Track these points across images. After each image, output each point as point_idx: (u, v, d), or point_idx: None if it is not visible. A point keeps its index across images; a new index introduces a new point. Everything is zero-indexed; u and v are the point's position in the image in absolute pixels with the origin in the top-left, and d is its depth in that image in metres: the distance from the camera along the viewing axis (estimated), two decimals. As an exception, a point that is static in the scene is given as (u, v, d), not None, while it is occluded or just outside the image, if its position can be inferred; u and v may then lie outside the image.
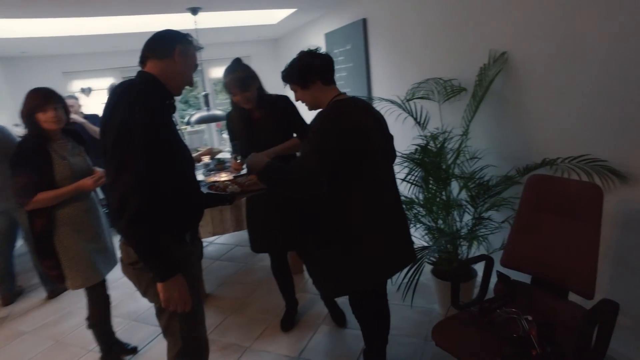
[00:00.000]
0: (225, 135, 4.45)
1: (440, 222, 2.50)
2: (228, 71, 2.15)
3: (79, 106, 4.11)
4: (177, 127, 1.46)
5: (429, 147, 2.39)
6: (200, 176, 3.73)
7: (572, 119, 2.04)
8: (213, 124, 6.88)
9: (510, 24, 2.29)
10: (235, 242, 4.24)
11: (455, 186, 2.48)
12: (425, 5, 2.94)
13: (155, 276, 1.30)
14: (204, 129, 6.86)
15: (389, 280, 1.85)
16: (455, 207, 2.48)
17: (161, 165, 1.27)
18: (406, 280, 1.97)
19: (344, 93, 1.74)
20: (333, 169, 1.55)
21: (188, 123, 3.85)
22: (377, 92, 3.77)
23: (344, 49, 4.19)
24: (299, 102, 1.79)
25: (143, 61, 1.40)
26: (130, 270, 1.41)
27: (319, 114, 1.65)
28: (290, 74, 1.72)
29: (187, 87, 1.49)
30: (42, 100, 1.97)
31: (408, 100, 2.60)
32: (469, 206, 2.43)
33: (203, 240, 2.53)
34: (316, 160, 1.52)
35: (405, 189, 2.53)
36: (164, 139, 1.29)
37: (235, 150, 2.27)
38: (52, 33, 3.91)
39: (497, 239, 2.40)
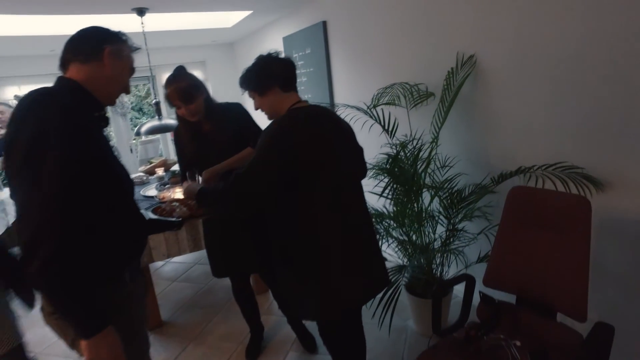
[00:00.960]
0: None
1: (412, 235, 2.36)
2: (169, 81, 1.90)
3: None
4: (110, 143, 1.22)
5: (399, 156, 2.25)
6: (152, 191, 3.43)
7: (544, 124, 1.97)
8: (168, 133, 6.53)
9: (477, 26, 2.20)
10: (193, 260, 3.94)
11: (427, 196, 2.35)
12: (388, 7, 2.83)
13: (78, 332, 1.04)
14: (158, 138, 6.48)
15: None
16: (428, 218, 2.35)
17: (86, 191, 1.03)
18: (377, 300, 1.81)
19: (305, 100, 1.56)
20: (285, 184, 1.39)
21: (138, 134, 3.52)
22: (339, 98, 3.63)
23: (303, 53, 4.02)
24: (258, 110, 1.60)
25: (64, 65, 1.16)
26: (53, 321, 1.14)
27: (271, 123, 1.47)
28: (247, 80, 1.56)
29: (123, 94, 1.27)
30: None
31: (374, 107, 2.45)
32: (441, 217, 2.31)
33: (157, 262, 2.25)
34: (258, 177, 1.38)
35: (373, 201, 2.38)
36: (88, 158, 1.04)
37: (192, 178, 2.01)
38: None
39: (472, 251, 2.30)
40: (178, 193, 3.01)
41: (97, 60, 1.15)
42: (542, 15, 1.87)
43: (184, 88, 1.86)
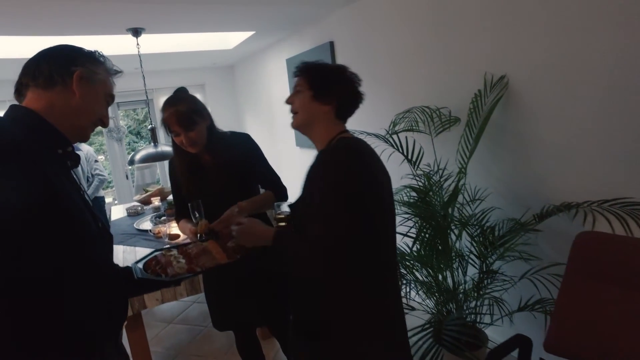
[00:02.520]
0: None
1: (439, 276, 2.08)
2: (168, 104, 1.62)
3: None
4: (79, 188, 0.96)
5: (424, 189, 1.99)
6: (147, 224, 3.16)
7: (589, 151, 1.72)
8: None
9: (507, 44, 1.98)
10: (192, 298, 3.62)
11: (455, 232, 2.09)
12: (400, 26, 2.62)
13: None
14: (155, 163, 6.22)
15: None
16: (457, 257, 2.08)
17: (43, 253, 0.79)
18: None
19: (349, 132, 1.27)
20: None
21: (132, 162, 3.27)
22: (348, 123, 3.39)
23: (309, 75, 3.81)
24: (291, 108, 1.26)
25: (19, 91, 0.93)
26: None
27: (330, 159, 1.14)
28: (316, 72, 1.23)
29: (99, 126, 1.02)
30: None
31: (393, 134, 2.21)
32: (472, 257, 2.04)
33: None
34: (348, 220, 1.05)
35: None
36: (43, 211, 0.79)
37: (196, 210, 1.65)
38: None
39: (512, 297, 2.02)
40: (174, 228, 2.74)
41: (63, 85, 0.92)
42: (581, 30, 1.66)
43: (184, 112, 1.59)
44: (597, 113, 1.67)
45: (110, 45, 3.55)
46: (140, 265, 1.31)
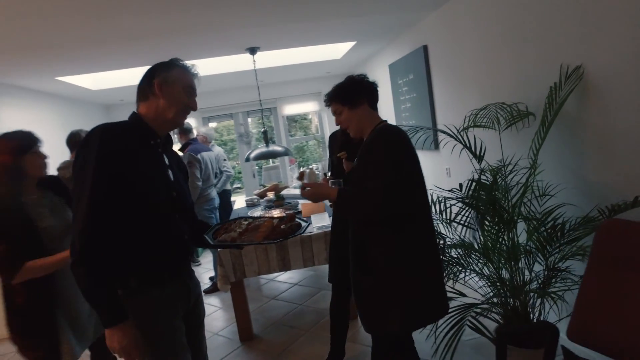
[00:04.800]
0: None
1: (502, 271, 2.08)
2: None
3: None
4: (165, 167, 1.36)
5: (482, 180, 2.03)
6: (258, 212, 3.71)
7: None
8: (287, 161, 7.01)
9: (584, 32, 1.90)
10: (296, 280, 4.11)
11: (522, 229, 2.07)
12: (487, 23, 2.63)
13: (102, 321, 1.21)
14: (278, 165, 6.98)
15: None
16: (525, 254, 2.05)
17: (117, 203, 1.20)
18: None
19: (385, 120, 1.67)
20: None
21: (248, 159, 3.88)
22: (442, 122, 3.45)
23: (407, 79, 3.97)
24: (342, 127, 1.73)
25: (137, 105, 1.36)
26: None
27: (385, 135, 1.54)
28: (338, 93, 1.66)
29: (191, 111, 1.39)
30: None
31: (462, 130, 2.28)
32: (539, 254, 1.99)
33: (254, 277, 2.38)
34: (393, 177, 1.44)
35: (457, 231, 2.19)
36: (121, 177, 1.20)
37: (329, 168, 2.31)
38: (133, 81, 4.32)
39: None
40: (276, 214, 3.22)
41: (152, 94, 1.32)
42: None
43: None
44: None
45: (234, 63, 4.27)
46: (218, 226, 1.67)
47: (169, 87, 1.32)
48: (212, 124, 7.19)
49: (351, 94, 1.62)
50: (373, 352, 1.80)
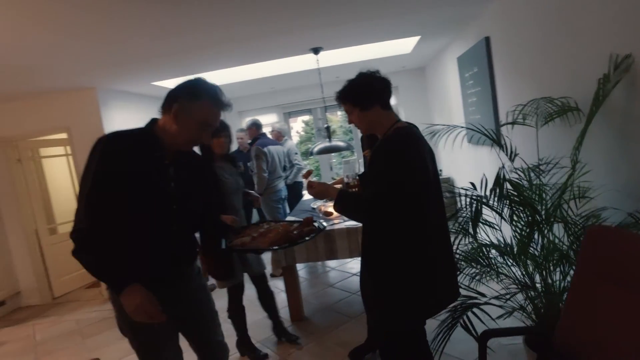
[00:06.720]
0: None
1: (535, 275, 1.99)
2: None
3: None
4: (164, 173, 1.39)
5: (513, 179, 1.96)
6: (317, 204, 3.91)
7: None
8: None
9: (633, 18, 1.73)
10: (357, 270, 4.25)
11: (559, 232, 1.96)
12: (544, 12, 2.46)
13: (113, 291, 1.30)
14: (355, 158, 7.10)
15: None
16: (562, 258, 1.94)
17: (112, 202, 1.27)
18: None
19: (402, 120, 1.65)
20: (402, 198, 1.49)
21: (311, 154, 4.10)
22: (504, 116, 3.28)
23: (472, 72, 3.82)
24: (352, 124, 1.73)
25: (161, 112, 1.40)
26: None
27: (388, 144, 1.56)
28: (348, 93, 1.64)
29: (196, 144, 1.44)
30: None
31: (502, 126, 2.20)
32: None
33: (307, 264, 2.57)
34: (386, 188, 1.47)
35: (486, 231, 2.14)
36: (114, 193, 1.26)
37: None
38: (227, 80, 4.82)
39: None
40: (329, 207, 3.40)
41: (169, 114, 1.35)
42: None
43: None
44: None
45: (292, 64, 4.50)
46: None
47: (185, 116, 1.33)
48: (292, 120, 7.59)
49: (362, 97, 1.60)
50: (381, 348, 1.80)
